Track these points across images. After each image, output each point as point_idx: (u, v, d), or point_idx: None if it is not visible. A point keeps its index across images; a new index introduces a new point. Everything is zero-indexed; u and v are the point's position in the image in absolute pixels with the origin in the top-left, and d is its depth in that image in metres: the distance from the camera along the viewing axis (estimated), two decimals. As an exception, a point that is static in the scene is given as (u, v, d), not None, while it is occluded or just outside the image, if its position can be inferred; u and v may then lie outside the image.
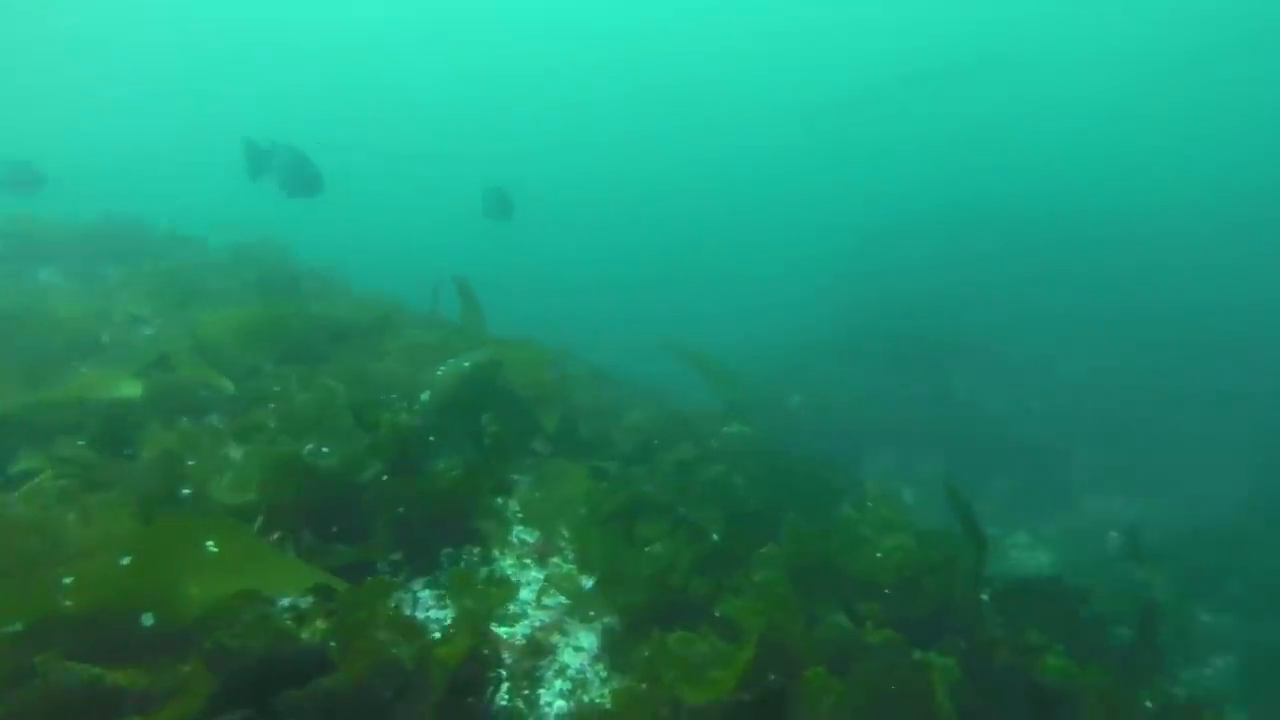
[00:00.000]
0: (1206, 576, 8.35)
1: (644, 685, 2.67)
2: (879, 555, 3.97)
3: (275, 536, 2.73)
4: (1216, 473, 10.66)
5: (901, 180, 24.69)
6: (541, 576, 3.33)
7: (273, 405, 3.21)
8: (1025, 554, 9.70)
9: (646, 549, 3.49)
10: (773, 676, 2.68)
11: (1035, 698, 3.22)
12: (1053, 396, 12.72)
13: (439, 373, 3.64)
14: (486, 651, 2.43)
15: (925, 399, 11.66)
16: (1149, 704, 3.51)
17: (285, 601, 2.47)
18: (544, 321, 9.44)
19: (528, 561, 3.42)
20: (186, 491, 2.66)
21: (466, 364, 3.85)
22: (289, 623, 2.36)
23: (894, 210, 19.96)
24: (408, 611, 2.83)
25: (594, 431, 4.95)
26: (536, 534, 3.63)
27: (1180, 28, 30.41)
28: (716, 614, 2.90)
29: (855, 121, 32.62)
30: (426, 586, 3.01)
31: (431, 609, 2.91)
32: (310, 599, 2.48)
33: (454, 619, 2.66)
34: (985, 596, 3.72)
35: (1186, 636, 7.71)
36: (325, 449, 2.88)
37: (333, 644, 2.06)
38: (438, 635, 2.46)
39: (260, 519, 2.64)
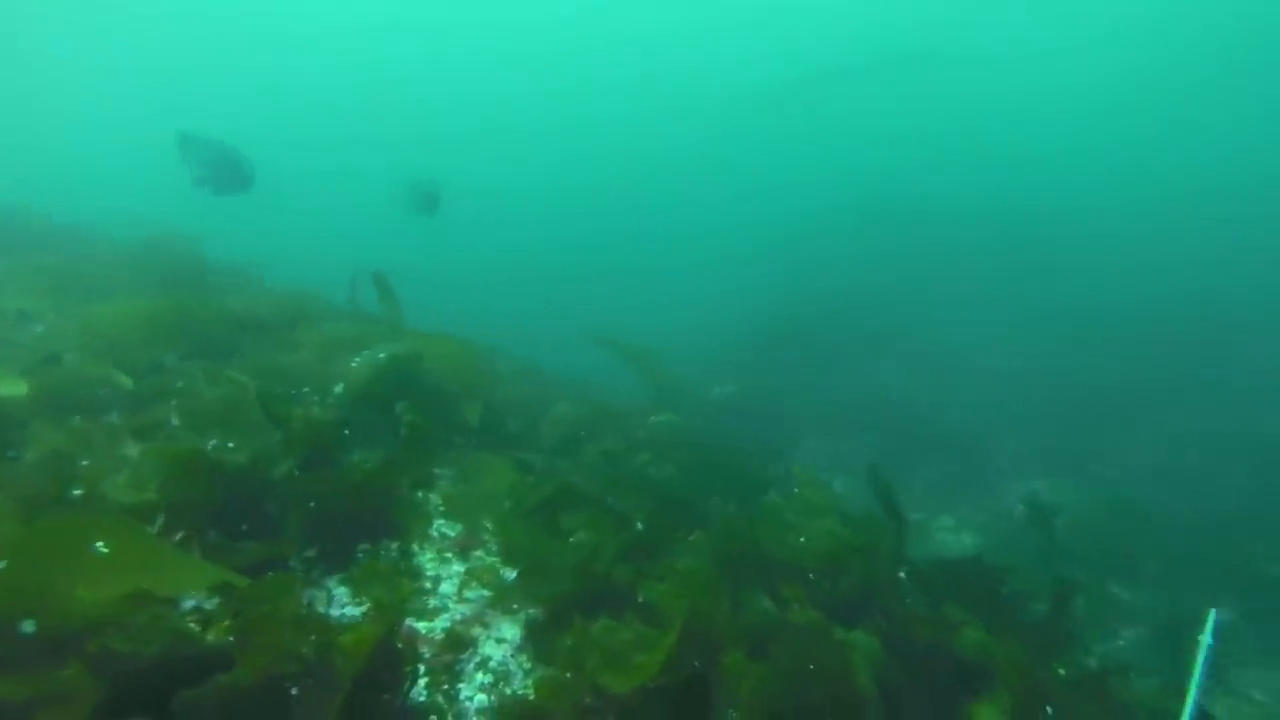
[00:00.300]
0: (1121, 554, 8.66)
1: (567, 674, 2.64)
2: (803, 540, 4.01)
3: (179, 536, 2.61)
4: (1130, 455, 11.10)
5: (829, 174, 25.10)
6: (463, 570, 3.26)
7: (175, 401, 3.06)
8: (950, 537, 9.94)
9: (571, 539, 3.46)
10: (696, 662, 2.67)
11: (955, 670, 3.28)
12: (976, 385, 13.08)
13: (354, 365, 3.53)
14: (399, 645, 2.36)
15: (853, 389, 11.86)
16: (1062, 672, 3.61)
17: (189, 603, 2.36)
18: (471, 317, 9.31)
19: (449, 555, 3.34)
20: (78, 492, 2.51)
21: (383, 356, 3.75)
22: (192, 625, 2.26)
23: (822, 204, 20.26)
24: (321, 609, 2.73)
25: (520, 424, 4.88)
26: (459, 528, 3.55)
27: (1098, 24, 31.57)
28: (640, 600, 2.87)
29: (785, 115, 33.01)
30: (342, 584, 2.91)
31: (347, 605, 2.81)
32: (216, 600, 2.37)
33: (364, 612, 2.58)
34: (903, 574, 3.77)
35: (1101, 611, 8.03)
36: (231, 444, 2.76)
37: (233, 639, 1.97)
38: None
39: (161, 518, 2.52)
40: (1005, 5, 30.83)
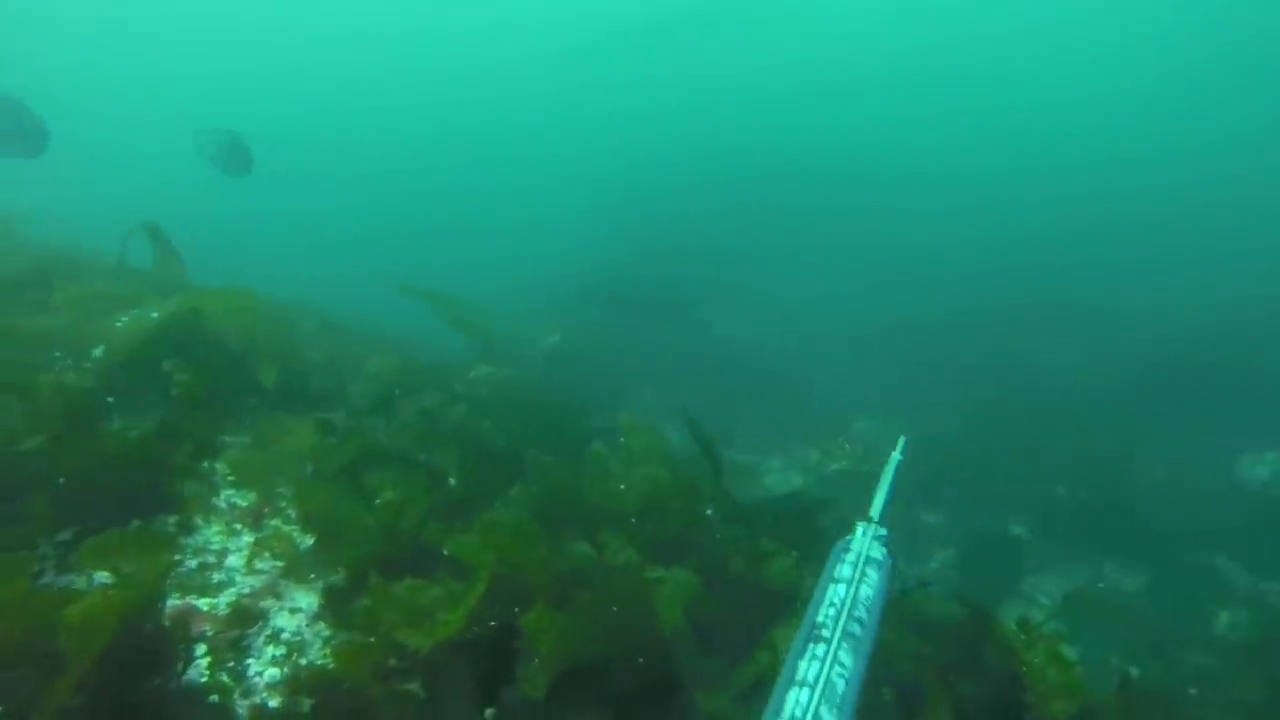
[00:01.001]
0: (927, 483, 9.32)
1: (369, 639, 2.50)
2: (624, 487, 4.00)
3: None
4: (936, 392, 11.92)
5: (655, 130, 25.26)
6: (255, 541, 3.03)
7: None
8: (779, 478, 10.37)
9: (378, 501, 3.29)
10: (500, 615, 2.60)
11: (765, 600, 3.37)
12: (803, 333, 13.65)
13: (119, 325, 3.17)
14: (164, 623, 2.14)
15: (686, 340, 12.07)
16: (869, 594, 3.80)
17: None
18: (284, 278, 8.73)
19: (239, 526, 3.09)
20: None
21: (155, 314, 3.39)
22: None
23: (650, 159, 20.40)
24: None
25: (327, 384, 4.60)
26: (252, 496, 3.30)
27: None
28: (445, 553, 2.76)
29: (609, 70, 32.90)
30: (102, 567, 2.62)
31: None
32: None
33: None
34: (709, 512, 3.84)
35: (913, 536, 8.65)
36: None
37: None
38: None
39: None
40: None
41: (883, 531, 1.74)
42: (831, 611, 1.54)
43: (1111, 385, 11.30)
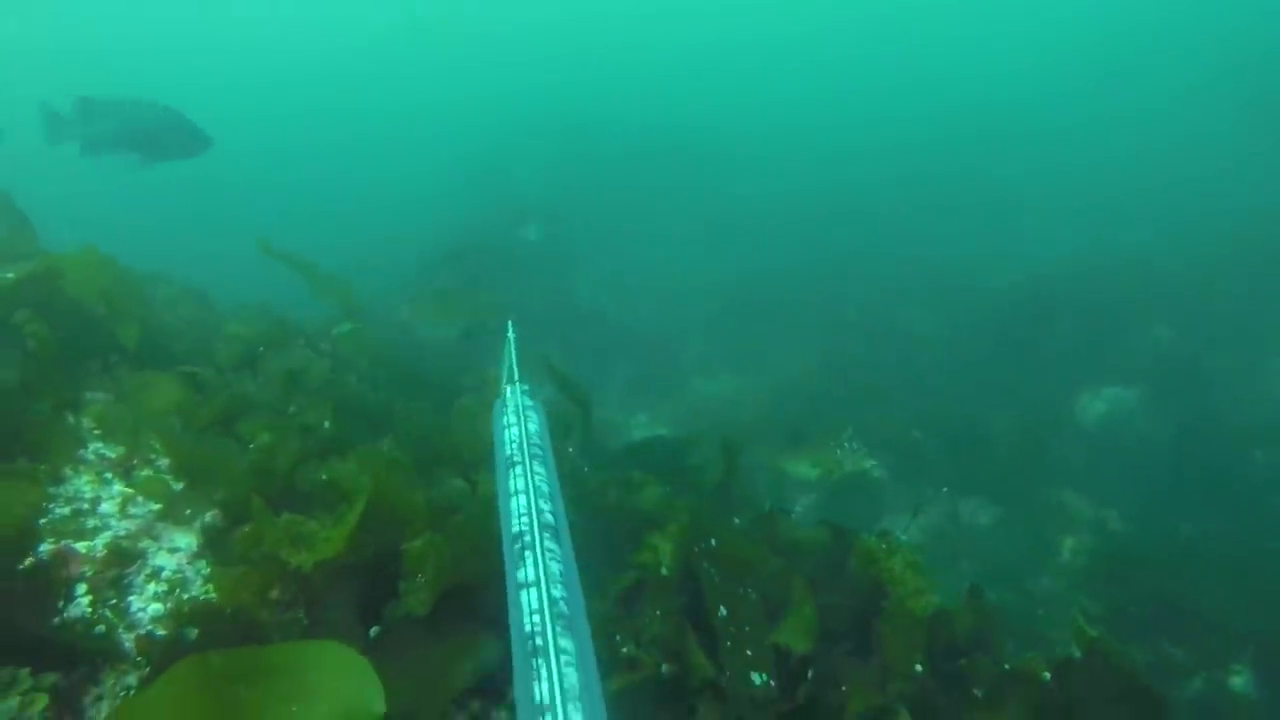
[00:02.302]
0: (788, 434, 9.88)
1: (246, 567, 2.63)
2: (494, 431, 4.20)
3: None
4: (792, 347, 12.61)
5: (518, 92, 25.10)
6: (127, 490, 3.08)
7: None
8: (645, 432, 10.76)
9: (251, 445, 3.38)
10: (382, 537, 2.78)
11: (637, 524, 3.66)
12: (661, 294, 14.08)
13: (-31, 284, 3.12)
14: (38, 560, 2.23)
15: (549, 304, 12.26)
16: (736, 521, 4.15)
17: None
18: (138, 241, 8.34)
19: (109, 476, 3.13)
20: None
21: (11, 275, 3.34)
22: None
23: (513, 122, 20.30)
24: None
25: (190, 345, 4.57)
26: (120, 449, 3.32)
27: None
28: (324, 477, 2.91)
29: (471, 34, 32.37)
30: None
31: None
32: None
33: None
34: (571, 450, 4.11)
35: (778, 485, 9.19)
36: None
37: None
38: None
39: None
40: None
41: (525, 387, 2.17)
42: (514, 445, 1.92)
43: (958, 332, 12.16)
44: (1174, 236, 13.76)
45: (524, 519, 1.67)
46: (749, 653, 2.69)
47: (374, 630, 2.65)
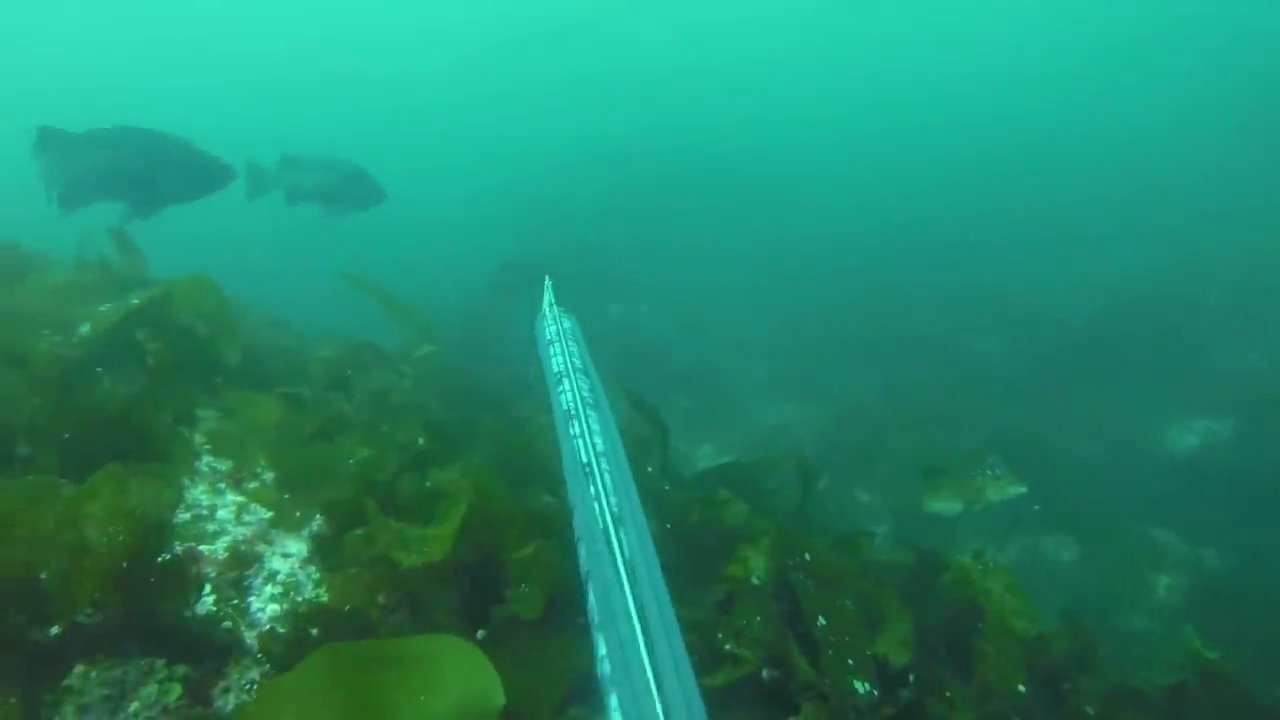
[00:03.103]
0: (858, 461, 9.72)
1: (357, 569, 2.72)
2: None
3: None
4: (853, 374, 12.44)
5: (567, 125, 25.59)
6: (240, 498, 3.21)
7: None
8: (711, 462, 10.69)
9: (351, 459, 3.49)
10: (488, 544, 2.86)
11: (723, 539, 3.69)
12: (716, 319, 14.03)
13: (102, 310, 3.31)
14: (171, 554, 2.34)
15: (603, 329, 12.36)
16: (819, 539, 4.15)
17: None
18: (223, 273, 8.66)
19: (222, 486, 3.27)
20: None
21: (135, 301, 3.54)
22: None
23: (560, 152, 20.63)
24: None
25: (285, 366, 4.76)
26: (229, 463, 3.47)
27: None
28: (428, 485, 3.00)
29: (517, 71, 33.26)
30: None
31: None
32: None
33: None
34: (651, 469, 4.15)
35: (850, 514, 9.02)
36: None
37: None
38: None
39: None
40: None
41: (560, 310, 2.46)
42: (559, 360, 2.16)
43: (1029, 359, 11.76)
44: (1262, 258, 13.22)
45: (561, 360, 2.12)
46: (850, 661, 2.69)
47: (480, 633, 2.72)
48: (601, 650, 1.30)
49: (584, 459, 1.73)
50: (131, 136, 4.93)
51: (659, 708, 1.16)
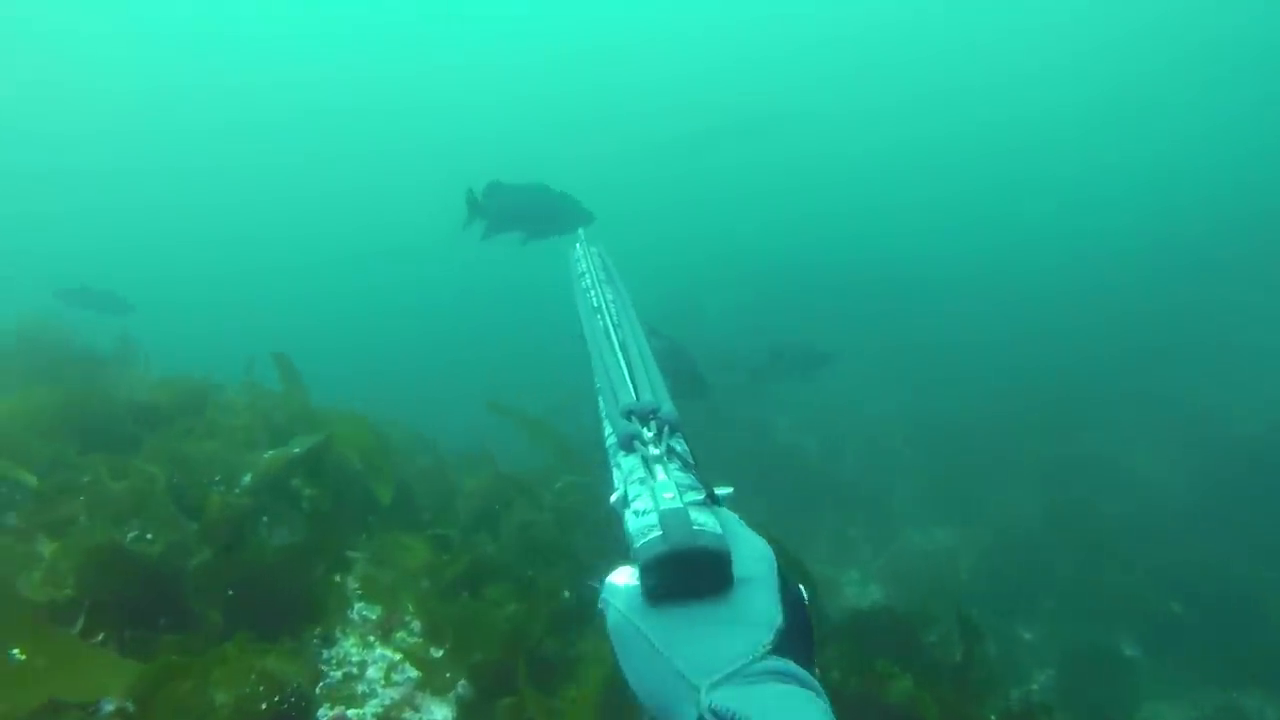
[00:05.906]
0: (1021, 595, 8.96)
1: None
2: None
3: (100, 638, 2.51)
4: (1009, 494, 11.65)
5: (708, 229, 26.04)
6: (388, 654, 3.23)
7: (83, 497, 2.96)
8: (858, 589, 10.13)
9: (498, 611, 3.47)
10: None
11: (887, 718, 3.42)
12: (865, 433, 13.52)
13: (266, 456, 3.49)
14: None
15: (744, 440, 12.09)
16: (992, 717, 3.80)
17: (109, 706, 2.28)
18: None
19: (372, 639, 3.30)
20: (-11, 595, 2.39)
21: (297, 450, 3.71)
22: (111, 728, 2.19)
23: (705, 260, 20.83)
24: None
25: (432, 500, 4.86)
26: (379, 609, 3.51)
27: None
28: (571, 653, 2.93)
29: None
30: (263, 673, 2.84)
31: (271, 697, 2.75)
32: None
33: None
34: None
35: (1011, 653, 8.25)
36: (149, 535, 2.69)
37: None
38: None
39: (82, 619, 2.42)
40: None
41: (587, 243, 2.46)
42: (594, 301, 2.13)
43: (1207, 483, 10.63)
44: None
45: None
46: None
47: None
48: (607, 429, 1.69)
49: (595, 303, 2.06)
50: (536, 187, 6.69)
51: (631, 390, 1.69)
